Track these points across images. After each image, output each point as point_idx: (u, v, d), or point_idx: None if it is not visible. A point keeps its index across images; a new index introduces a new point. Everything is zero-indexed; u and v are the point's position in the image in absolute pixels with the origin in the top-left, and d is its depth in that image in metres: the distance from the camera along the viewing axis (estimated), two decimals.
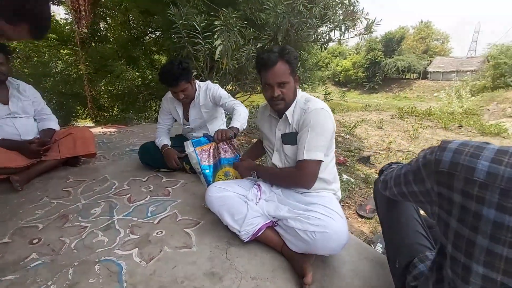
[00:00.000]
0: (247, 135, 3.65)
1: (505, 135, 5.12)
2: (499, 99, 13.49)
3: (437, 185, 0.61)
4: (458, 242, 0.57)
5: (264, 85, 1.23)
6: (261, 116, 1.47)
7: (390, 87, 27.21)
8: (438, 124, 5.48)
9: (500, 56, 15.98)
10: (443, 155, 0.60)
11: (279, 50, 1.17)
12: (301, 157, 1.19)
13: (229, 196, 1.32)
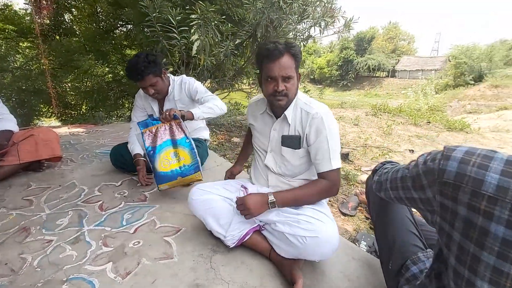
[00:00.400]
0: (226, 133, 3.55)
1: (468, 130, 5.50)
2: (459, 96, 14.53)
3: (440, 195, 0.58)
4: (461, 256, 0.55)
5: (267, 79, 1.11)
6: (253, 112, 1.34)
7: (362, 84, 28.28)
8: (409, 121, 5.75)
9: (461, 56, 17.16)
10: (447, 165, 0.56)
11: (285, 43, 1.09)
12: (329, 167, 1.12)
13: (214, 199, 1.24)
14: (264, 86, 1.15)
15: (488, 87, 14.19)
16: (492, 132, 6.12)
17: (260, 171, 1.34)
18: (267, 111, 1.26)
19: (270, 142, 1.27)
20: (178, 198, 1.72)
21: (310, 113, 1.15)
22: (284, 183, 1.28)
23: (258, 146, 1.35)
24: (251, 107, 1.37)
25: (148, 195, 1.75)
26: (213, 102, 1.75)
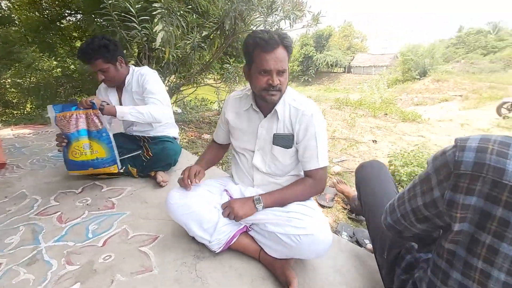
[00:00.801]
0: (196, 130, 3.40)
1: (419, 120, 6.04)
2: (408, 90, 15.88)
3: (451, 191, 0.55)
4: (474, 248, 0.54)
5: (259, 71, 1.01)
6: (235, 109, 1.22)
7: (321, 79, 29.51)
8: (369, 113, 6.12)
9: (408, 53, 18.79)
10: (463, 155, 0.53)
11: (277, 33, 1.01)
12: (316, 166, 1.10)
13: (195, 202, 1.13)
14: (254, 80, 1.04)
15: (431, 81, 15.71)
16: (438, 121, 6.79)
17: (244, 171, 1.26)
18: (253, 107, 1.16)
19: (257, 141, 1.18)
20: (152, 202, 1.57)
21: (300, 110, 1.10)
22: (271, 182, 1.22)
23: (241, 146, 1.24)
24: (233, 103, 1.24)
25: (116, 201, 1.57)
26: (150, 108, 1.60)
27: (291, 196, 1.11)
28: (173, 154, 1.82)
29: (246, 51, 1.05)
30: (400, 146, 3.70)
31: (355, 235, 1.58)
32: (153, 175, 1.82)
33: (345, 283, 1.08)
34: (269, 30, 1.02)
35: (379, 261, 0.99)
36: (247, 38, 1.03)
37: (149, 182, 1.82)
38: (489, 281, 0.53)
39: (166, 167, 1.86)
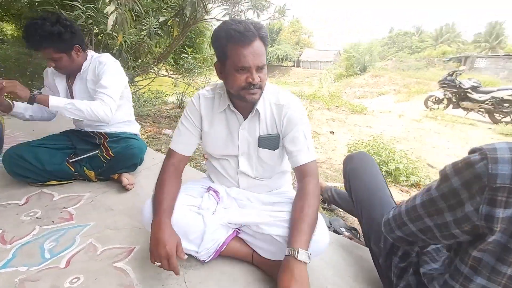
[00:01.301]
0: (155, 125, 3.12)
1: (366, 112, 6.61)
2: (351, 84, 17.21)
3: (488, 205, 0.53)
4: (504, 256, 0.55)
5: (236, 69, 0.89)
6: (205, 111, 1.07)
7: (273, 73, 30.18)
8: (323, 106, 6.47)
9: (350, 51, 20.35)
10: (498, 168, 0.51)
11: (252, 23, 0.89)
12: (308, 159, 1.01)
13: (178, 211, 1.00)
14: (231, 78, 0.92)
15: (370, 77, 17.26)
16: (380, 113, 7.53)
17: (227, 177, 1.16)
18: (231, 108, 1.04)
19: (240, 145, 1.09)
20: (119, 209, 1.38)
21: (282, 105, 1.04)
22: (257, 185, 1.16)
23: (220, 153, 1.12)
24: (204, 104, 1.07)
25: (74, 211, 1.34)
26: (92, 105, 1.37)
27: (313, 216, 0.92)
28: (139, 152, 1.62)
29: (218, 46, 0.90)
30: (355, 136, 3.98)
31: (332, 224, 1.64)
32: (116, 177, 1.61)
33: (338, 275, 1.09)
34: (242, 20, 0.89)
35: (375, 250, 1.02)
36: (218, 30, 0.89)
37: (111, 186, 1.60)
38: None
39: (131, 168, 1.65)
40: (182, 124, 1.09)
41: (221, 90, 1.06)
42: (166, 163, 1.08)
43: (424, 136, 4.51)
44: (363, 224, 1.10)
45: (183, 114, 1.11)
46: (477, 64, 18.36)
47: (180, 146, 1.09)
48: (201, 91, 1.11)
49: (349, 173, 1.21)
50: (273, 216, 1.01)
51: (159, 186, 1.02)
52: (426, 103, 8.24)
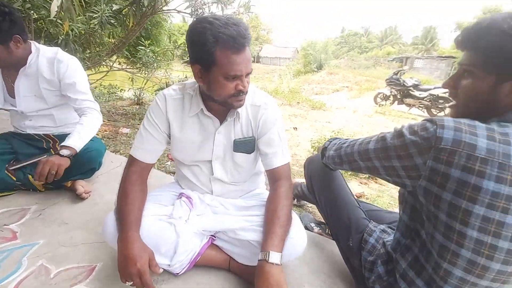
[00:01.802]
0: (110, 123, 2.86)
1: (324, 108, 6.91)
2: (309, 81, 17.90)
3: (433, 161, 0.63)
4: (453, 212, 0.63)
5: (227, 76, 0.83)
6: (173, 114, 0.98)
7: None
8: (285, 102, 6.60)
9: (308, 48, 21.10)
10: (444, 133, 0.62)
11: (241, 26, 0.80)
12: (282, 161, 0.99)
13: (145, 223, 0.91)
14: (217, 85, 0.85)
15: (326, 74, 18.13)
16: (336, 109, 7.97)
17: (199, 184, 1.10)
18: (205, 112, 0.97)
19: (214, 149, 1.02)
20: (74, 222, 1.23)
21: (257, 106, 1.00)
22: (231, 190, 1.12)
23: (191, 159, 1.04)
24: (171, 106, 0.97)
25: (18, 229, 1.15)
26: (92, 119, 1.37)
27: (285, 218, 0.92)
28: (97, 155, 1.45)
29: (201, 49, 0.80)
30: (317, 132, 4.14)
31: (302, 220, 1.67)
32: (69, 185, 1.42)
33: (313, 272, 1.12)
34: (229, 20, 0.79)
35: (346, 250, 1.05)
36: (201, 31, 0.78)
37: (63, 195, 1.41)
38: (465, 240, 0.63)
39: (88, 174, 1.47)
40: (145, 129, 0.99)
41: (192, 91, 0.98)
42: (127, 171, 0.97)
43: (375, 130, 4.90)
44: (331, 226, 1.14)
45: (146, 118, 1.00)
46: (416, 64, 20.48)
47: (143, 153, 0.98)
48: (166, 91, 1.01)
49: (311, 176, 1.23)
50: (249, 221, 0.99)
51: (122, 197, 0.92)
52: (375, 100, 8.92)
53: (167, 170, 1.97)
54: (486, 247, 0.61)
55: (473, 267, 0.63)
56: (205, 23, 0.79)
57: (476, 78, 0.67)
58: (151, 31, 4.77)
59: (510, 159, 0.58)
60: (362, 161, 0.84)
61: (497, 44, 0.62)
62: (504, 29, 0.60)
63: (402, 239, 0.82)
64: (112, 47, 2.76)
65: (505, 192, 0.58)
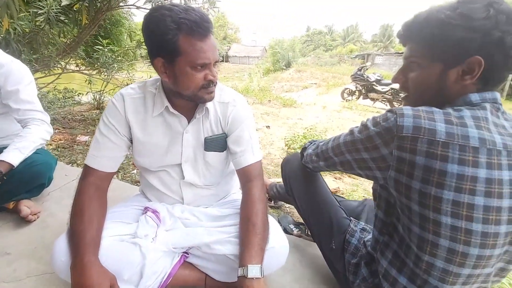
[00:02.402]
0: (66, 131, 2.58)
1: (295, 105, 6.99)
2: (278, 79, 18.13)
3: (398, 150, 0.63)
4: (424, 201, 0.62)
5: (194, 66, 0.75)
6: (134, 115, 0.88)
7: None
8: (256, 100, 6.55)
9: (275, 47, 21.35)
10: (404, 120, 0.62)
11: (199, 11, 0.74)
12: (253, 159, 0.93)
13: (105, 244, 0.79)
14: (185, 77, 0.77)
15: (294, 72, 18.48)
16: (307, 105, 8.11)
17: (167, 192, 1.00)
18: (171, 110, 0.88)
19: (183, 151, 0.93)
20: (18, 251, 1.05)
21: (226, 102, 0.94)
22: (204, 195, 1.03)
23: (158, 164, 0.95)
24: (130, 106, 0.87)
25: None
26: (35, 132, 1.20)
27: (261, 224, 0.84)
28: (45, 170, 1.26)
29: (162, 39, 0.73)
30: (290, 129, 4.14)
31: (281, 223, 1.62)
32: (11, 207, 1.22)
33: (296, 280, 1.07)
34: (188, 6, 0.75)
35: (328, 253, 1.01)
36: (160, 19, 0.71)
37: (5, 219, 1.21)
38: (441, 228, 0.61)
39: (35, 192, 1.28)
40: (101, 133, 0.87)
41: (154, 89, 0.89)
42: (82, 183, 0.84)
43: (344, 125, 5.04)
44: (312, 229, 1.10)
45: (102, 121, 0.88)
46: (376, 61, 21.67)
47: (101, 161, 0.86)
48: (124, 90, 0.90)
49: (289, 177, 1.19)
50: (225, 232, 0.91)
51: (76, 215, 0.79)
52: (342, 95, 9.24)
53: (133, 179, 1.81)
54: (462, 233, 0.60)
55: (453, 255, 0.62)
56: (164, 10, 0.72)
57: (423, 68, 0.69)
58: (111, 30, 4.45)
59: (469, 140, 0.57)
60: (336, 156, 0.84)
61: (438, 33, 0.64)
62: (442, 18, 0.63)
63: (380, 236, 0.80)
64: (64, 47, 2.48)
65: (469, 174, 0.57)
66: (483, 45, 0.61)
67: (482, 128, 0.59)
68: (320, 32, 55.09)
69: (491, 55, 0.61)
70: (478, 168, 0.57)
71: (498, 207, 0.58)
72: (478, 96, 0.64)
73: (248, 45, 38.33)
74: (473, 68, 0.62)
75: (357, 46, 41.61)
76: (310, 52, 33.90)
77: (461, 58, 0.63)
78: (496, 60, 0.61)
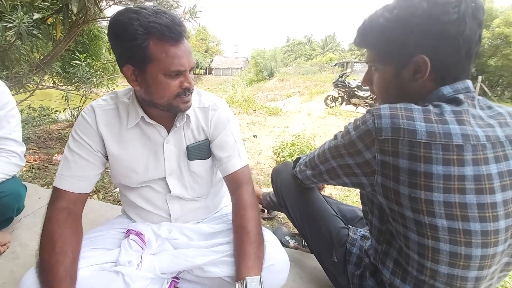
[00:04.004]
0: (41, 150, 2.42)
1: (281, 114, 7.01)
2: (262, 89, 18.30)
3: (380, 153, 0.60)
4: (416, 206, 0.58)
5: (168, 73, 0.70)
6: (106, 128, 0.80)
7: None
8: (241, 111, 6.53)
9: (258, 57, 21.64)
10: (381, 122, 0.58)
11: (170, 13, 0.68)
12: (240, 164, 0.88)
13: (83, 275, 0.70)
14: (158, 85, 0.71)
15: (277, 81, 18.74)
16: (292, 113, 8.17)
17: (152, 210, 0.91)
18: (148, 120, 0.81)
19: (166, 163, 0.86)
20: None
21: (206, 107, 0.89)
22: (193, 209, 0.95)
23: (136, 180, 0.86)
24: (102, 119, 0.80)
25: None
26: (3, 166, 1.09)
27: (255, 231, 0.80)
28: (14, 201, 1.13)
29: (133, 45, 0.66)
30: (278, 138, 4.12)
31: (276, 234, 1.55)
32: None
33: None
34: (158, 9, 0.67)
35: (330, 267, 0.95)
36: (127, 22, 0.65)
37: None
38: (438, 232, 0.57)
39: (3, 224, 1.15)
40: (71, 150, 0.78)
41: (127, 99, 0.82)
42: (52, 208, 0.75)
43: (331, 131, 5.09)
44: (311, 242, 1.03)
45: (71, 137, 0.80)
46: (355, 68, 22.44)
47: (72, 182, 0.77)
48: (95, 102, 0.83)
49: (281, 189, 1.13)
50: (219, 252, 0.83)
51: (47, 245, 0.70)
52: (325, 102, 9.42)
53: (115, 199, 1.69)
54: (461, 234, 0.56)
55: (456, 259, 0.58)
56: (131, 13, 0.65)
57: (380, 71, 0.69)
58: (89, 46, 4.32)
59: (451, 138, 0.54)
60: (321, 164, 0.80)
61: (380, 37, 0.65)
62: (381, 22, 0.63)
63: (378, 245, 0.75)
64: (37, 63, 2.36)
65: (455, 173, 0.54)
66: (423, 42, 0.60)
67: (464, 122, 0.56)
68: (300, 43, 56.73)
69: (435, 49, 0.60)
70: (464, 166, 0.54)
71: (492, 203, 0.55)
72: (450, 88, 0.61)
73: (230, 56, 38.77)
74: (420, 66, 0.61)
75: (336, 55, 43.04)
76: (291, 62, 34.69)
77: (407, 58, 0.62)
78: (445, 53, 0.60)
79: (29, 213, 1.34)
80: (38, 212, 1.37)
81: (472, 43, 0.59)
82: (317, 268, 1.11)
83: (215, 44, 42.99)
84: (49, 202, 0.76)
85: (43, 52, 2.52)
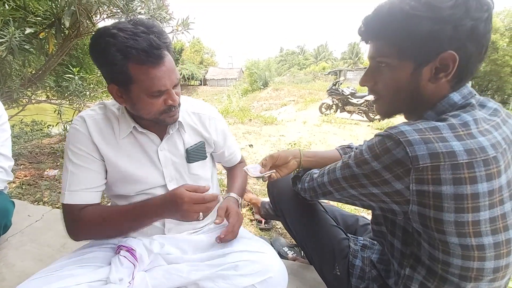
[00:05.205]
0: (32, 166, 2.37)
1: (276, 123, 7.03)
2: (257, 98, 18.44)
3: (417, 183, 0.54)
4: (463, 230, 0.54)
5: (150, 94, 0.70)
6: (99, 137, 0.79)
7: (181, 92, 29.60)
8: (237, 120, 6.53)
9: (252, 68, 21.91)
10: (416, 150, 0.52)
11: (150, 30, 0.66)
12: (240, 156, 1.13)
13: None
14: (142, 104, 0.72)
15: (272, 90, 18.92)
16: (287, 122, 8.20)
17: None
18: (140, 129, 0.81)
19: (164, 170, 0.86)
20: None
21: (203, 114, 0.92)
22: None
23: (137, 189, 0.85)
24: (94, 128, 0.78)
25: None
26: None
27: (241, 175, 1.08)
28: (1, 217, 1.09)
29: (113, 68, 0.67)
30: (273, 146, 4.11)
31: (274, 246, 1.52)
32: None
33: None
34: (137, 28, 0.66)
35: (331, 280, 0.92)
36: (105, 46, 0.64)
37: None
38: (485, 251, 0.55)
39: None
40: (74, 164, 0.77)
41: (116, 109, 0.82)
42: (70, 218, 0.78)
43: (326, 138, 5.10)
44: (310, 255, 1.00)
45: (69, 151, 0.78)
46: (348, 76, 22.84)
47: (83, 195, 0.77)
48: (84, 113, 0.82)
49: (278, 201, 1.10)
50: (215, 265, 0.80)
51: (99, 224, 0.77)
52: (320, 110, 9.49)
53: None
54: (504, 246, 0.55)
55: (497, 273, 0.57)
56: (107, 37, 0.64)
57: (393, 68, 0.61)
58: (83, 60, 4.33)
59: (487, 152, 0.51)
60: (337, 191, 0.73)
61: (403, 28, 0.56)
62: (406, 10, 0.55)
63: (401, 269, 0.70)
64: (29, 77, 2.34)
65: (496, 186, 0.52)
66: (455, 37, 0.53)
67: (484, 132, 0.54)
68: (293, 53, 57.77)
69: (464, 47, 0.54)
70: (501, 176, 0.53)
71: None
72: (459, 95, 0.59)
73: (225, 67, 39.22)
74: (447, 64, 0.56)
75: (329, 63, 43.82)
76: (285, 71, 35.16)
77: (433, 54, 0.56)
78: (470, 52, 0.55)
79: (17, 231, 1.29)
80: (26, 230, 1.32)
81: (487, 46, 0.57)
82: (317, 280, 1.08)
83: (210, 55, 43.58)
84: (66, 218, 0.78)
85: (36, 67, 2.51)
